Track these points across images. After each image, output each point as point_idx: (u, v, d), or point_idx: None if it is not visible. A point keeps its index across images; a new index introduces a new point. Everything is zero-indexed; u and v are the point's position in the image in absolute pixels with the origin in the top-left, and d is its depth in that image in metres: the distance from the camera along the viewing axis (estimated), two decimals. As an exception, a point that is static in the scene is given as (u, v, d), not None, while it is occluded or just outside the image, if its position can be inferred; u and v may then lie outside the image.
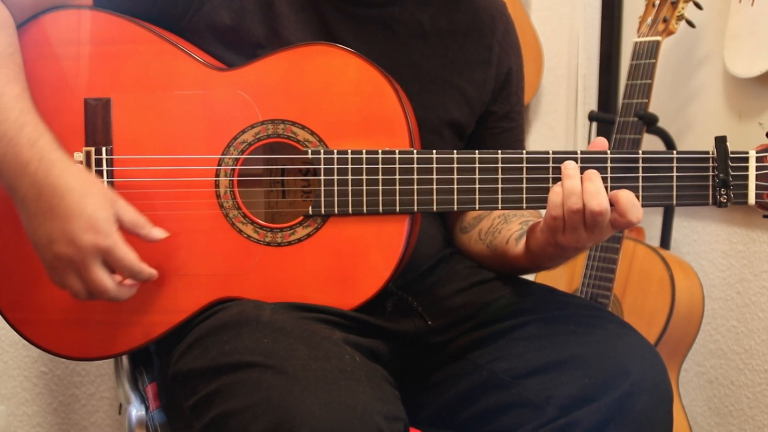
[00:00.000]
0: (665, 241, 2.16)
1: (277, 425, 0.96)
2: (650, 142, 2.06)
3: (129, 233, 1.13)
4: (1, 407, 1.99)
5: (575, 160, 1.16)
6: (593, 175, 1.13)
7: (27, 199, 1.09)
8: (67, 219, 1.08)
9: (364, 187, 1.16)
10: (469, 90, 1.36)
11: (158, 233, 1.15)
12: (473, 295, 1.33)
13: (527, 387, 1.18)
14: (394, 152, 1.16)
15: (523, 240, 1.25)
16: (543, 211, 1.17)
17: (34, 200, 1.09)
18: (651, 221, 2.23)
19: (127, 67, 1.19)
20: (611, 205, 1.13)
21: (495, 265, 1.36)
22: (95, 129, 1.18)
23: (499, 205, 1.17)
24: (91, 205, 1.08)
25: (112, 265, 1.11)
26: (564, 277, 2.13)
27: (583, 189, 1.13)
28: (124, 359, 1.43)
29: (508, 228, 1.32)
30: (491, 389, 1.22)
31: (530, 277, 1.69)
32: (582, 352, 1.17)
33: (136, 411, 1.32)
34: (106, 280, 1.11)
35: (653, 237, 2.21)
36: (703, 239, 2.15)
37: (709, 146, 1.17)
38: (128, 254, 1.10)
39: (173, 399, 1.17)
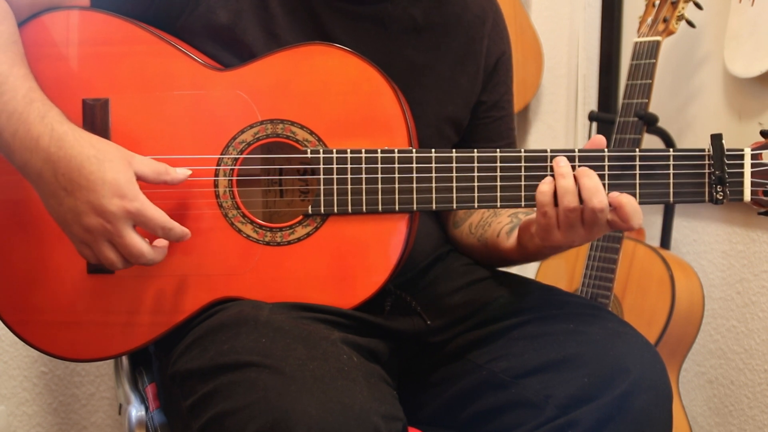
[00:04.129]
0: (665, 241, 2.16)
1: (274, 425, 0.96)
2: (650, 142, 2.06)
3: (155, 184, 1.12)
4: (1, 407, 1.99)
5: (573, 158, 1.16)
6: (589, 172, 1.13)
7: (43, 176, 1.08)
8: (89, 189, 1.06)
9: (363, 186, 1.17)
10: (462, 82, 1.36)
11: (181, 172, 1.14)
12: (472, 294, 1.33)
13: (526, 386, 1.18)
14: (393, 151, 1.16)
15: (515, 234, 1.26)
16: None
17: (51, 176, 1.08)
18: (651, 221, 2.22)
19: (125, 67, 1.19)
20: (612, 207, 1.13)
21: (487, 258, 1.36)
22: (93, 129, 1.18)
23: (498, 204, 1.17)
24: (110, 171, 1.07)
25: (144, 226, 1.09)
26: (564, 277, 2.13)
27: (581, 186, 1.13)
28: (124, 359, 1.44)
29: (498, 221, 1.33)
30: (490, 389, 1.22)
31: (530, 275, 1.69)
32: (581, 351, 1.17)
33: (135, 411, 1.32)
34: (141, 243, 1.09)
35: (653, 237, 2.21)
36: (703, 239, 2.14)
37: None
38: (158, 212, 1.09)
39: (172, 399, 1.17)
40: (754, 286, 2.00)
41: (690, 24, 1.99)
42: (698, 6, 1.99)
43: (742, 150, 1.17)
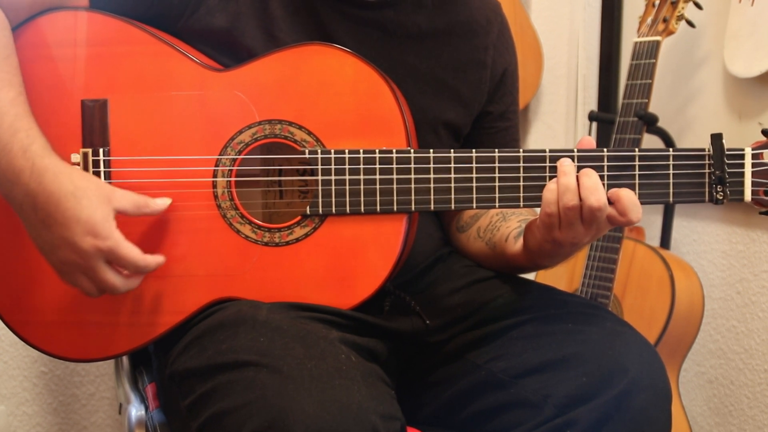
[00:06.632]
0: (665, 241, 2.16)
1: (272, 424, 0.96)
2: (650, 142, 2.06)
3: (136, 217, 1.15)
4: (1, 407, 1.99)
5: (572, 158, 1.16)
6: (590, 171, 1.14)
7: (24, 209, 1.10)
8: (65, 226, 1.08)
9: (362, 187, 1.17)
10: (464, 91, 1.36)
11: (161, 203, 1.16)
12: (471, 294, 1.33)
13: (525, 386, 1.18)
14: (391, 151, 1.16)
15: (522, 238, 1.25)
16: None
17: (30, 210, 1.10)
18: (651, 221, 2.22)
19: (124, 68, 1.20)
20: (611, 202, 1.13)
21: (494, 263, 1.36)
22: (92, 130, 1.19)
23: (497, 204, 1.17)
24: (86, 209, 1.08)
25: (117, 263, 1.11)
26: (564, 277, 2.13)
27: (580, 185, 1.13)
28: (124, 359, 1.44)
29: (507, 225, 1.33)
30: (489, 389, 1.22)
31: (530, 276, 1.69)
32: (580, 350, 1.17)
33: (135, 411, 1.32)
34: (113, 278, 1.11)
35: (653, 237, 2.20)
36: (703, 239, 2.14)
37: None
38: (131, 252, 1.11)
39: (171, 399, 1.17)
40: (754, 286, 2.00)
41: (690, 24, 1.99)
42: (698, 6, 1.99)
43: (743, 149, 1.16)
